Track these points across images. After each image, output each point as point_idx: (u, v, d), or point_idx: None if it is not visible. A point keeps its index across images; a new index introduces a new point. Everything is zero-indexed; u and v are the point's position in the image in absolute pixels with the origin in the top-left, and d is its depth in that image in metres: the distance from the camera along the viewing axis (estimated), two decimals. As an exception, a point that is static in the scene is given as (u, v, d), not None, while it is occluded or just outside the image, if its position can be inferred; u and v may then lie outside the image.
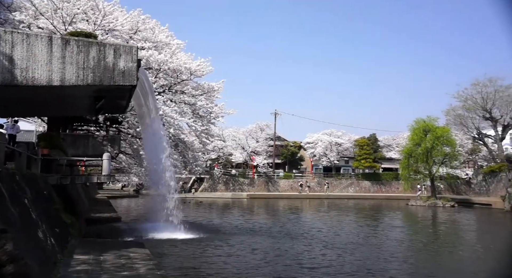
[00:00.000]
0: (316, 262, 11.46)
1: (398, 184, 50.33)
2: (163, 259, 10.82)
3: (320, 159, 59.43)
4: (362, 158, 55.80)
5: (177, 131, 18.88)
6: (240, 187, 51.25)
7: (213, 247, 13.27)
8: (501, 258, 13.28)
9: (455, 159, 40.04)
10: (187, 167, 22.05)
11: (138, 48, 9.58)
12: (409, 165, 39.22)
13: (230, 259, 11.51)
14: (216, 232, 16.91)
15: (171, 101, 18.27)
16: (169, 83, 17.85)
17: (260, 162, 53.74)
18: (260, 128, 57.83)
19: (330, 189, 51.31)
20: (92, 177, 14.66)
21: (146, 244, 10.76)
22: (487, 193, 40.94)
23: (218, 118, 21.00)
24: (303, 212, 31.41)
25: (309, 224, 21.74)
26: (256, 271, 10.23)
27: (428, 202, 37.09)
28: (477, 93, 41.56)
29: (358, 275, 10.13)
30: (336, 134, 60.08)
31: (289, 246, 13.90)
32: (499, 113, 41.60)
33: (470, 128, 43.99)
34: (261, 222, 22.39)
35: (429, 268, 11.54)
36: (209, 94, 19.92)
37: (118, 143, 16.49)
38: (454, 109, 44.07)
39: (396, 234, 18.57)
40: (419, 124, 38.97)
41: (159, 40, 16.91)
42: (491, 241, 17.86)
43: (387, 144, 62.68)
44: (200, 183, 50.17)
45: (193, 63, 17.91)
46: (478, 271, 11.44)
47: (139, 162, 20.48)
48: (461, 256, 13.86)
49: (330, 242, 15.06)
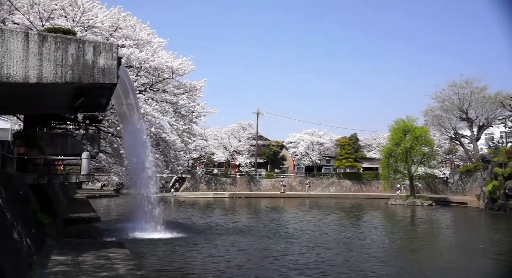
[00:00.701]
0: (298, 261, 11.54)
1: (378, 183, 51.17)
2: (143, 259, 10.70)
3: (302, 158, 59.88)
4: (343, 158, 56.52)
5: (158, 130, 18.67)
6: (222, 186, 51.16)
7: (195, 246, 13.20)
8: (473, 256, 13.68)
9: (433, 158, 40.96)
10: (169, 166, 21.84)
11: (119, 46, 9.44)
12: (389, 164, 39.92)
13: (213, 258, 11.47)
14: (198, 232, 16.84)
15: (152, 100, 18.05)
16: (151, 81, 17.63)
17: (242, 161, 53.76)
18: (243, 127, 57.83)
19: (311, 188, 51.75)
20: (70, 176, 14.38)
21: (127, 244, 10.62)
22: (463, 192, 42.04)
23: (200, 118, 20.85)
24: (285, 211, 31.58)
25: (291, 223, 21.88)
26: (240, 271, 10.23)
27: (407, 201, 37.84)
28: (454, 95, 42.64)
29: (345, 274, 10.25)
30: (318, 134, 60.63)
31: (272, 246, 13.95)
32: (474, 114, 42.79)
33: (447, 129, 45.09)
34: (244, 221, 22.41)
35: (407, 265, 11.78)
36: (191, 93, 19.76)
37: (97, 141, 16.18)
38: (432, 110, 45.10)
39: (376, 233, 18.88)
40: (399, 124, 39.68)
41: (140, 38, 16.67)
42: (466, 238, 18.37)
43: (368, 143, 63.63)
44: (181, 183, 49.86)
45: (175, 61, 17.73)
46: (461, 268, 11.73)
47: (120, 161, 20.17)
48: (440, 253, 14.18)
49: (312, 241, 15.18)
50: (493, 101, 40.44)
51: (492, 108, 41.28)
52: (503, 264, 12.11)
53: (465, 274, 10.99)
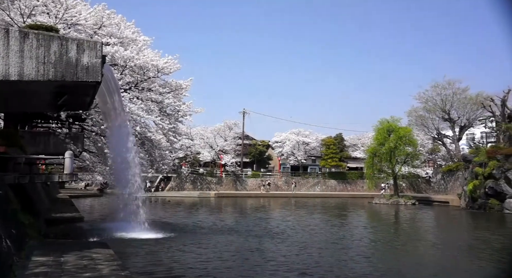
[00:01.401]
0: (287, 260, 11.59)
1: (363, 182, 51.68)
2: (128, 260, 10.59)
3: (288, 158, 60.12)
4: (328, 157, 56.94)
5: (143, 129, 18.51)
6: (207, 185, 51.01)
7: (180, 246, 13.13)
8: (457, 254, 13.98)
9: (416, 158, 41.57)
10: (154, 165, 21.68)
11: (103, 44, 9.33)
12: (373, 164, 40.37)
13: (199, 258, 11.43)
14: (184, 231, 16.76)
15: (137, 98, 17.89)
16: (136, 80, 17.47)
17: (228, 161, 53.67)
18: (229, 127, 57.76)
19: (297, 187, 52.00)
20: (53, 175, 14.11)
21: (111, 244, 10.50)
22: (445, 191, 42.81)
23: (186, 117, 20.76)
24: (271, 210, 31.67)
25: (277, 222, 21.95)
26: (226, 271, 10.22)
27: (391, 200, 38.36)
28: (437, 95, 43.38)
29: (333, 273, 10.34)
30: (304, 134, 60.96)
31: (259, 245, 13.98)
32: (456, 114, 43.62)
33: (430, 129, 45.84)
34: (230, 221, 22.40)
35: (394, 264, 11.96)
36: (176, 92, 19.66)
37: (81, 140, 15.96)
38: (416, 110, 45.79)
39: (362, 232, 19.13)
40: (383, 124, 40.16)
41: (125, 36, 16.49)
42: (447, 237, 18.75)
43: (353, 143, 64.26)
44: (167, 182, 49.54)
45: (160, 60, 17.62)
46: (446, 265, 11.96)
47: (104, 160, 19.93)
48: (422, 251, 14.43)
49: (299, 241, 15.26)
50: (474, 102, 41.29)
51: (473, 109, 42.15)
52: (485, 262, 12.40)
53: (450, 271, 11.19)
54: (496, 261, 12.32)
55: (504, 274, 10.48)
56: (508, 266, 11.42)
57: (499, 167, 30.26)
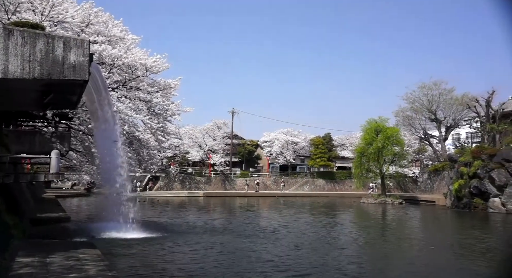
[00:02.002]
0: (274, 260, 11.61)
1: (351, 182, 52.08)
2: (115, 260, 10.50)
3: (277, 157, 60.23)
4: (317, 157, 57.20)
5: (131, 129, 18.36)
6: (196, 185, 50.85)
7: (168, 246, 13.07)
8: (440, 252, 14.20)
9: (403, 158, 42.04)
10: (142, 165, 21.52)
11: (90, 42, 9.23)
12: (361, 163, 40.69)
13: (186, 258, 11.39)
14: (172, 231, 16.68)
15: (125, 97, 17.73)
16: (124, 79, 17.30)
17: (217, 160, 53.56)
18: (218, 126, 57.63)
19: (286, 187, 52.14)
20: (38, 175, 13.91)
21: (98, 244, 10.41)
22: (432, 190, 43.39)
23: (175, 116, 20.62)
24: (260, 210, 31.71)
25: (266, 222, 22.01)
26: (215, 271, 10.20)
27: (379, 200, 38.74)
28: (423, 96, 43.93)
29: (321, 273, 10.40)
30: (293, 134, 61.13)
31: (248, 245, 13.98)
32: (442, 115, 44.24)
33: (417, 129, 46.42)
34: (218, 220, 22.37)
35: (381, 262, 12.09)
36: (165, 91, 19.52)
37: (68, 139, 15.74)
38: (403, 111, 46.30)
39: (352, 232, 19.29)
40: (371, 124, 40.51)
41: (112, 35, 16.31)
42: (434, 236, 19.01)
43: (341, 143, 64.65)
44: (155, 181, 49.23)
45: (149, 59, 17.47)
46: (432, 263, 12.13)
47: (91, 159, 19.71)
48: (409, 250, 14.61)
49: (287, 240, 15.31)
50: (459, 103, 41.91)
51: (459, 109, 42.80)
52: (468, 259, 12.62)
53: (435, 269, 11.36)
54: (480, 260, 12.55)
55: (490, 272, 10.69)
56: (496, 264, 11.65)
57: (483, 166, 30.78)
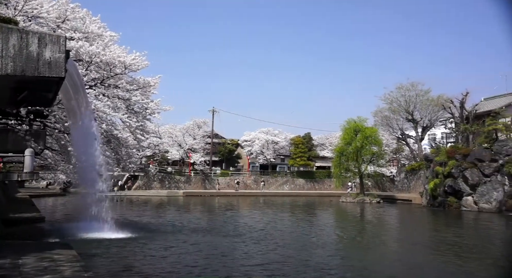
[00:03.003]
0: (254, 259, 11.65)
1: (330, 181, 52.64)
2: (91, 260, 10.32)
3: (257, 157, 60.32)
4: (297, 156, 57.56)
5: (109, 127, 18.03)
6: (176, 184, 50.44)
7: (146, 246, 12.93)
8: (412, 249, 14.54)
9: (381, 157, 42.78)
10: (120, 164, 21.16)
11: (67, 38, 9.03)
12: (340, 163, 41.17)
13: (165, 259, 11.29)
14: (150, 231, 16.50)
15: (103, 95, 17.39)
16: (102, 76, 16.96)
17: (197, 159, 53.26)
18: (198, 125, 57.30)
19: (266, 186, 52.31)
20: (11, 174, 13.52)
21: (73, 245, 10.21)
22: (408, 189, 44.32)
23: (154, 115, 20.37)
24: (240, 209, 31.72)
25: (246, 221, 22.03)
26: (192, 270, 10.15)
27: (357, 199, 39.32)
28: (401, 97, 44.85)
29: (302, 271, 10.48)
30: (273, 133, 61.34)
31: (228, 244, 13.98)
32: (419, 115, 45.26)
33: (395, 129, 47.34)
34: (198, 220, 22.26)
35: (359, 259, 12.29)
36: (144, 89, 19.25)
37: (43, 138, 15.32)
38: (381, 111, 47.15)
39: (332, 231, 19.53)
40: (350, 124, 41.03)
41: (90, 31, 15.95)
42: (409, 234, 19.45)
43: (321, 142, 65.27)
44: (134, 181, 48.58)
45: (127, 56, 17.17)
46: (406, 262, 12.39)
47: (67, 158, 19.25)
48: (385, 248, 14.90)
49: (267, 239, 15.37)
50: (435, 103, 42.98)
51: (435, 110, 43.87)
52: (442, 255, 12.97)
53: (409, 267, 11.62)
54: (453, 256, 12.92)
55: (462, 268, 11.02)
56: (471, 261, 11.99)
57: (457, 166, 31.67)
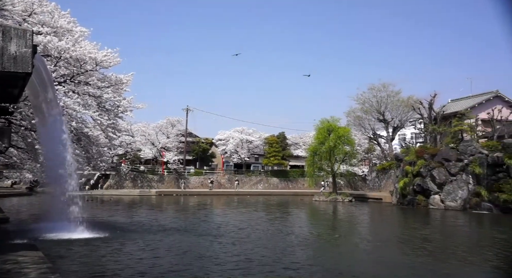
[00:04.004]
0: (228, 258, 11.64)
1: (304, 180, 53.22)
2: (59, 262, 10.04)
3: (231, 156, 60.23)
4: (271, 156, 57.88)
5: (80, 125, 17.56)
6: (149, 183, 49.73)
7: (116, 246, 12.68)
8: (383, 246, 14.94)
9: (354, 157, 43.62)
10: (91, 162, 20.67)
11: (34, 33, 8.72)
12: (314, 162, 41.71)
13: (134, 259, 11.11)
14: (121, 231, 16.20)
15: (73, 92, 16.92)
16: (71, 73, 16.48)
17: (170, 158, 52.66)
18: (171, 124, 56.66)
19: (240, 185, 52.34)
20: (-27, 173, 12.98)
21: (40, 246, 9.89)
22: (379, 188, 45.39)
23: (127, 113, 19.99)
24: (213, 208, 31.61)
25: (220, 220, 21.98)
26: (163, 270, 10.04)
27: (330, 197, 39.93)
28: (373, 97, 45.88)
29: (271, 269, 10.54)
30: (247, 132, 61.41)
31: (200, 244, 13.90)
32: (390, 116, 46.43)
33: (367, 129, 48.35)
34: (170, 219, 22.02)
35: (329, 256, 12.50)
36: (116, 87, 18.85)
37: (8, 135, 14.71)
38: (354, 111, 48.05)
39: (305, 229, 19.73)
40: (324, 124, 41.62)
41: (59, 26, 15.45)
42: (379, 231, 19.96)
43: (295, 142, 65.85)
44: (105, 180, 47.54)
45: (99, 53, 16.77)
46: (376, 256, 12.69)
47: (34, 156, 18.63)
48: (356, 245, 15.22)
49: (240, 238, 15.39)
50: (405, 104, 44.20)
51: (405, 111, 45.12)
52: (411, 253, 13.38)
53: (380, 264, 11.92)
54: (421, 252, 13.35)
55: (432, 265, 11.40)
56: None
57: (426, 165, 32.70)
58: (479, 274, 10.56)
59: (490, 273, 10.56)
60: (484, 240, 16.89)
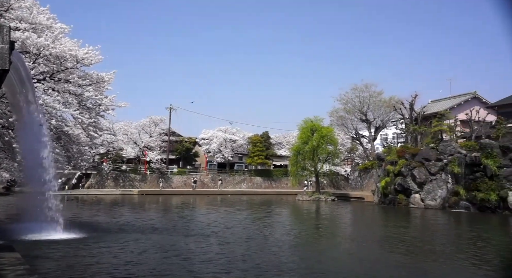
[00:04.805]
0: (210, 258, 11.60)
1: (287, 180, 53.45)
2: (37, 263, 9.83)
3: (215, 155, 60.03)
4: (255, 155, 57.93)
5: (60, 123, 17.23)
6: (131, 183, 49.16)
7: (96, 247, 12.49)
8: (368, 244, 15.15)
9: (336, 156, 44.02)
10: (71, 161, 20.31)
11: (11, 28, 8.52)
12: (297, 162, 41.92)
13: (114, 259, 10.97)
14: (101, 231, 15.97)
15: (53, 90, 16.59)
16: (51, 70, 16.15)
17: (153, 158, 52.16)
18: (154, 123, 56.13)
19: (223, 185, 52.23)
20: None
21: (17, 247, 9.66)
22: (361, 187, 45.96)
23: (108, 111, 19.71)
24: (197, 208, 31.46)
25: (203, 220, 21.90)
26: (143, 271, 9.95)
27: (313, 197, 40.22)
28: (355, 97, 46.43)
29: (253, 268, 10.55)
30: (231, 131, 61.30)
31: (182, 244, 13.81)
32: (372, 116, 47.10)
33: (349, 129, 48.90)
34: (152, 219, 21.81)
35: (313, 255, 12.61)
36: (98, 85, 18.57)
37: (-16, 134, 14.41)
38: (337, 111, 48.54)
39: (289, 229, 19.82)
40: (307, 124, 41.87)
41: (38, 22, 15.11)
42: (360, 230, 20.23)
43: (279, 141, 66.05)
44: (86, 179, 46.78)
45: (80, 50, 16.47)
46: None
47: (12, 155, 18.20)
48: (338, 244, 15.39)
49: (223, 237, 15.37)
50: (387, 105, 44.90)
51: (386, 111, 45.83)
52: (391, 250, 13.61)
53: (362, 262, 12.09)
54: (401, 250, 13.60)
55: (409, 259, 11.62)
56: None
57: (407, 165, 33.28)
58: (458, 271, 10.82)
59: (468, 269, 10.83)
60: (461, 238, 17.31)
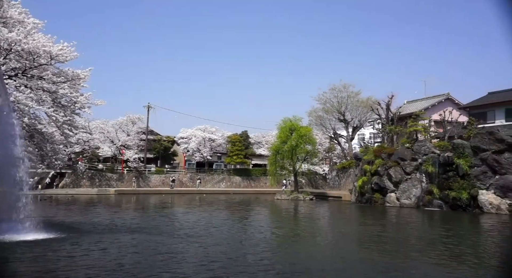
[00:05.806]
0: (188, 258, 11.54)
1: (266, 179, 53.71)
2: (7, 265, 9.58)
3: (194, 154, 59.73)
4: (234, 154, 57.94)
5: (33, 121, 16.82)
6: (107, 182, 48.37)
7: (69, 247, 12.22)
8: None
9: (315, 156, 44.52)
10: (45, 160, 19.85)
11: (-19, 23, 8.25)
12: (276, 161, 42.17)
13: (88, 260, 10.76)
14: (75, 231, 15.63)
15: (25, 87, 16.16)
16: (23, 66, 15.73)
17: (130, 157, 51.45)
18: (132, 121, 55.38)
19: (202, 184, 52.00)
20: None
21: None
22: (339, 186, 46.63)
23: (84, 109, 19.37)
24: (175, 207, 31.19)
25: (180, 219, 21.74)
26: (118, 272, 9.80)
27: (291, 196, 40.52)
28: (334, 97, 47.11)
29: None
30: (210, 130, 61.10)
31: (157, 244, 13.68)
32: (350, 116, 47.85)
33: (328, 129, 49.54)
34: (128, 219, 21.50)
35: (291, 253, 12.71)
36: (73, 82, 18.22)
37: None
38: (316, 111, 49.11)
39: (266, 228, 19.88)
40: (286, 123, 42.17)
41: (9, 16, 14.69)
42: (337, 229, 20.53)
43: (258, 141, 66.25)
44: (61, 178, 45.72)
45: (54, 46, 16.12)
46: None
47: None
48: (314, 242, 15.57)
49: (199, 236, 15.31)
50: (364, 105, 45.71)
51: (364, 111, 46.67)
52: (367, 248, 13.86)
53: (339, 259, 12.27)
54: (376, 247, 13.87)
55: (383, 259, 11.86)
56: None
57: (383, 164, 33.94)
58: (430, 266, 11.12)
59: (440, 265, 11.14)
60: (432, 236, 17.79)
